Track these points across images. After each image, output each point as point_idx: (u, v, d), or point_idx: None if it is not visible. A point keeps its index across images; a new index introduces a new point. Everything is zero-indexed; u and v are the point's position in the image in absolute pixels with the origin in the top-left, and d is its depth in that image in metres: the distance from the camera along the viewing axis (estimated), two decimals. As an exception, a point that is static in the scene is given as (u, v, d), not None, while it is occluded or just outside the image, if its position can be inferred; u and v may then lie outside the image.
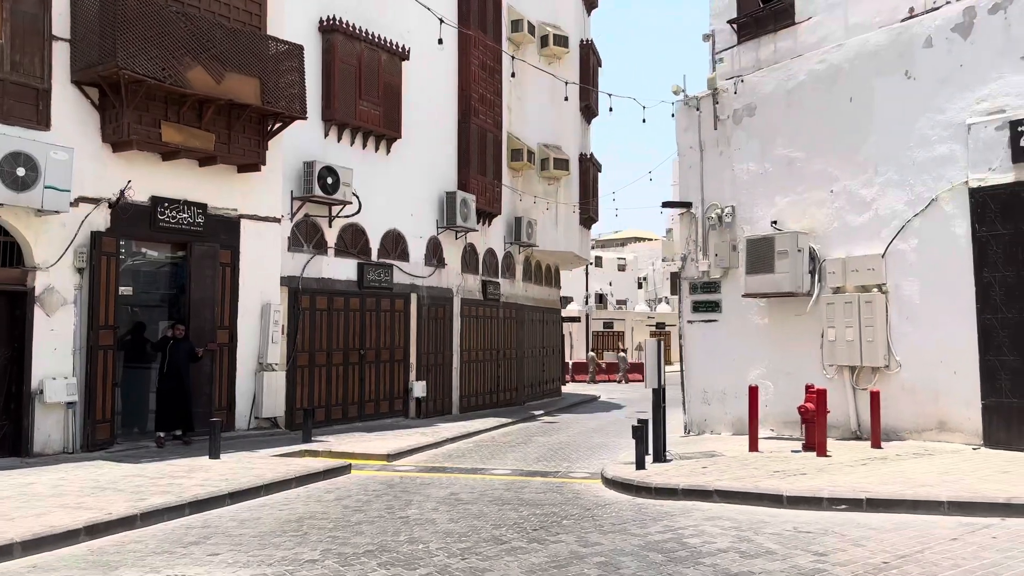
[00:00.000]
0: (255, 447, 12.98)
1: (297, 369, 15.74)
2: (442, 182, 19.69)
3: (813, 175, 13.39)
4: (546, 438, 16.33)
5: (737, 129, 14.63)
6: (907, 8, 12.58)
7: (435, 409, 19.20)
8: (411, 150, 18.55)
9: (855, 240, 12.76)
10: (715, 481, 8.99)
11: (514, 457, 13.45)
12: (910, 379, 12.01)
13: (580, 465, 12.52)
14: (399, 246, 18.27)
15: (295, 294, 15.70)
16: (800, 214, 13.55)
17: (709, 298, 15.02)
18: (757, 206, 14.25)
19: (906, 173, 12.15)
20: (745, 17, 15.09)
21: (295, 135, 15.39)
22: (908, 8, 12.56)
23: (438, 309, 19.50)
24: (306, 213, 15.98)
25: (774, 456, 11.10)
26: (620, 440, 15.86)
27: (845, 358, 12.64)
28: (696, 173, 15.33)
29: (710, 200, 15.02)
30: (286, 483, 10.20)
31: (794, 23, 14.31)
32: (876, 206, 12.53)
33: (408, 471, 11.85)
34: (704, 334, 15.11)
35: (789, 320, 13.65)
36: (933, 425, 11.78)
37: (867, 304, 12.36)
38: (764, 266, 13.38)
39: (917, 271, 11.99)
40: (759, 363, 14.10)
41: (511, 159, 22.71)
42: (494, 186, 21.53)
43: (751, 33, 15.02)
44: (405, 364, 18.32)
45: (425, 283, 18.97)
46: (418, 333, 18.68)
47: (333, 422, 16.34)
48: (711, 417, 14.93)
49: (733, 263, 14.52)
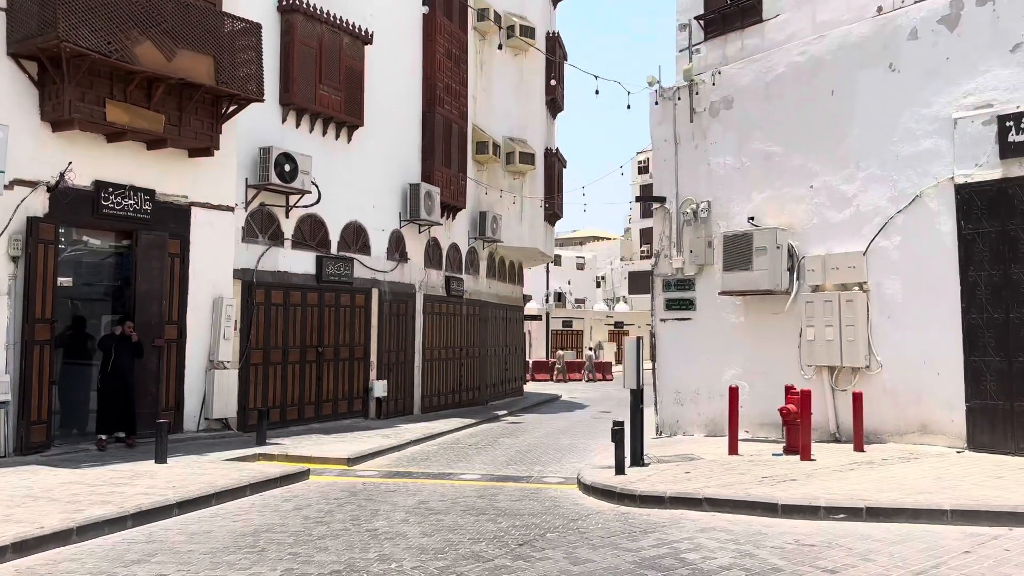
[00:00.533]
0: (205, 450, 12.15)
1: (251, 367, 14.90)
2: (405, 173, 18.96)
3: (792, 170, 13.01)
4: (513, 440, 15.74)
5: (714, 122, 14.20)
6: (875, 7, 12.27)
7: (396, 409, 18.47)
8: (374, 139, 17.79)
9: (835, 237, 12.40)
10: (703, 488, 8.48)
11: (482, 460, 12.83)
12: (891, 380, 11.68)
13: (552, 469, 11.95)
14: (360, 239, 17.51)
15: (249, 288, 14.85)
16: (778, 210, 13.16)
17: (683, 296, 14.58)
18: (734, 201, 13.83)
19: (889, 168, 11.82)
20: (712, 14, 14.67)
21: (251, 119, 14.55)
22: (876, 7, 12.25)
23: (400, 305, 18.78)
24: (262, 202, 15.13)
25: (756, 460, 10.65)
26: (589, 442, 15.37)
27: (824, 358, 12.27)
28: (671, 167, 14.87)
29: (685, 195, 14.57)
30: (239, 491, 9.44)
31: (762, 20, 13.96)
32: (857, 202, 12.18)
33: (371, 476, 11.15)
34: (677, 333, 14.66)
35: (766, 319, 13.26)
36: (915, 427, 11.46)
37: (848, 303, 12.00)
38: (741, 263, 12.96)
39: (900, 269, 11.67)
40: (734, 363, 13.69)
41: (476, 152, 22.05)
42: (459, 179, 20.85)
43: (718, 30, 14.61)
44: (365, 362, 17.56)
45: (387, 278, 18.22)
46: (379, 330, 17.93)
47: (289, 423, 15.53)
48: (683, 418, 14.48)
49: (709, 260, 14.09)
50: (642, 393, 10.84)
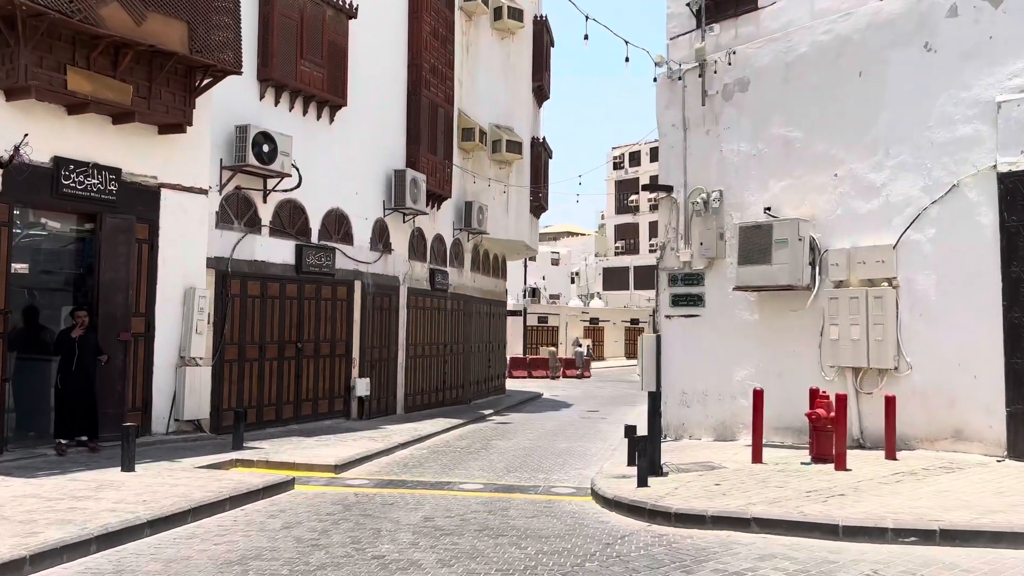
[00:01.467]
0: (176, 456, 11.02)
1: (225, 364, 13.75)
2: (390, 159, 17.87)
3: (814, 157, 12.19)
4: (506, 442, 14.77)
5: (727, 106, 13.33)
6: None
7: (379, 409, 17.40)
8: (357, 121, 16.68)
9: (862, 229, 11.60)
10: (748, 506, 7.58)
11: (479, 467, 11.84)
12: (922, 383, 10.91)
13: (557, 477, 11.02)
14: (342, 227, 16.39)
15: (223, 278, 13.69)
16: (798, 200, 12.33)
17: (691, 291, 13.71)
18: (748, 191, 12.98)
19: (923, 155, 11.03)
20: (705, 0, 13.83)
21: (227, 94, 13.38)
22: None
23: (383, 299, 17.69)
24: (238, 185, 13.97)
25: (786, 469, 9.80)
26: (587, 445, 14.48)
27: (849, 359, 11.47)
28: (678, 154, 13.98)
29: (694, 184, 13.69)
30: (218, 505, 8.36)
31: (757, 8, 13.20)
32: (887, 192, 11.38)
33: (363, 486, 10.11)
34: (684, 330, 13.78)
35: (783, 316, 12.43)
36: (948, 434, 10.70)
37: (876, 300, 11.20)
38: (759, 256, 12.11)
39: (934, 264, 10.89)
40: (747, 363, 12.86)
41: (462, 138, 21.00)
42: (444, 166, 19.80)
43: (711, 18, 13.76)
44: (347, 359, 16.47)
45: (370, 270, 17.13)
46: (362, 325, 16.84)
47: (266, 424, 14.40)
48: (690, 421, 13.63)
49: (720, 253, 13.23)
50: (660, 396, 9.93)
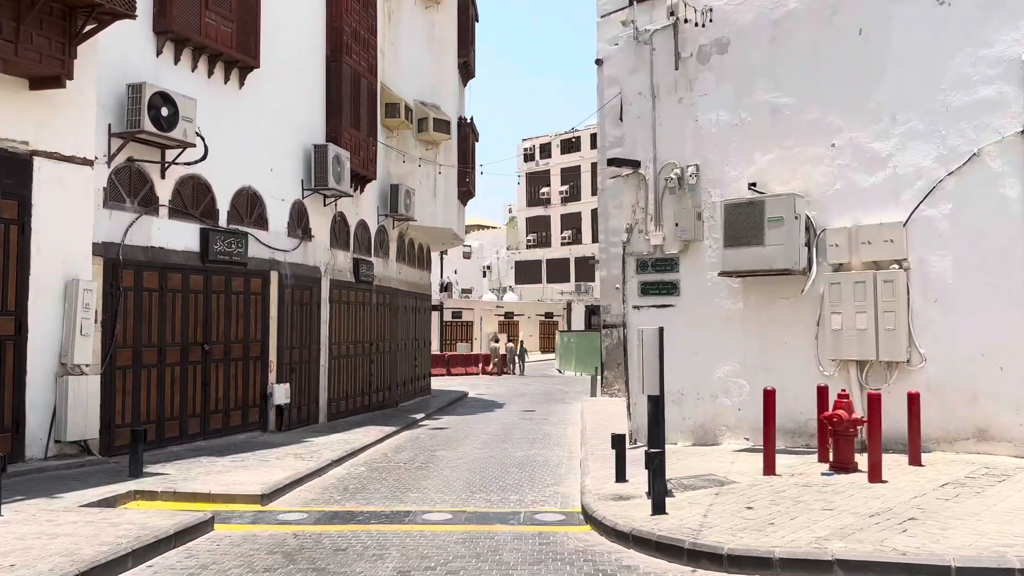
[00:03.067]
0: (58, 488, 8.74)
1: (117, 372, 11.40)
2: (308, 133, 15.71)
3: (807, 126, 10.88)
4: (452, 453, 12.94)
5: (703, 70, 11.89)
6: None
7: (300, 418, 15.26)
8: (271, 86, 14.48)
9: (865, 205, 10.35)
10: (822, 542, 6.02)
11: (435, 487, 10.00)
12: (938, 377, 9.73)
13: (532, 497, 9.31)
14: (255, 209, 14.17)
15: (114, 268, 11.35)
16: (789, 174, 11.00)
17: (663, 278, 12.23)
18: (730, 165, 11.58)
19: (936, 122, 9.85)
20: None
21: (117, 47, 11.07)
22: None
23: (303, 292, 15.54)
24: (130, 156, 11.62)
25: (810, 483, 8.38)
26: (544, 452, 12.84)
27: (854, 351, 10.21)
28: (646, 125, 12.47)
29: (666, 158, 12.20)
30: (118, 563, 6.27)
31: None
32: (894, 163, 10.16)
33: (301, 522, 8.13)
34: (656, 323, 12.24)
35: (773, 304, 11.10)
36: (969, 433, 9.56)
37: (887, 284, 9.96)
38: (749, 237, 10.72)
39: (950, 243, 9.72)
40: (730, 358, 11.48)
41: (385, 115, 18.96)
42: (369, 144, 17.74)
43: None
44: (263, 362, 14.26)
45: (288, 259, 14.96)
46: (279, 322, 14.66)
47: (169, 442, 12.12)
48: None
49: (698, 235, 11.80)
50: (663, 401, 8.36)
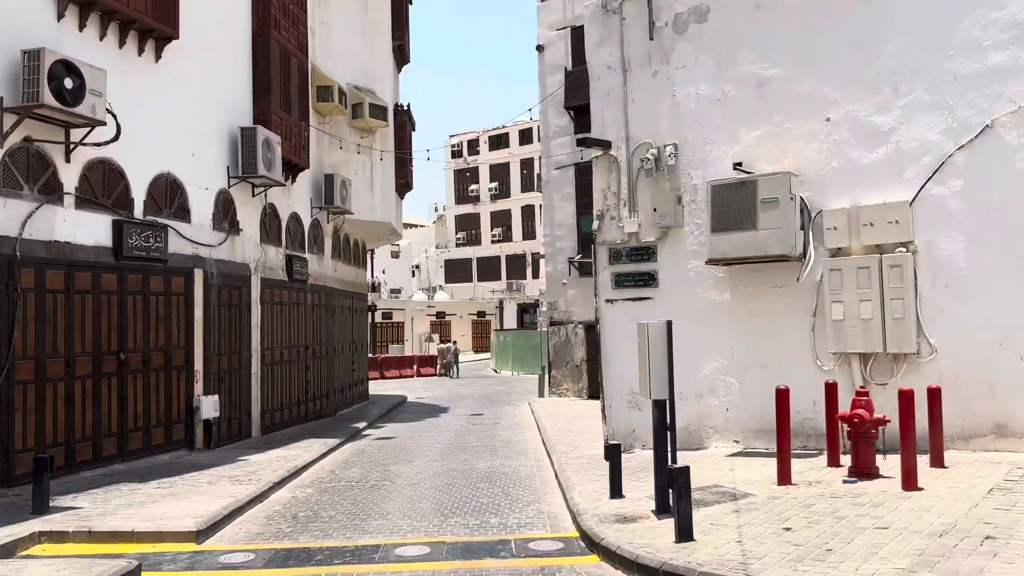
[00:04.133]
0: (-62, 537, 7.11)
1: (17, 387, 9.69)
2: (234, 114, 14.12)
3: (798, 99, 9.99)
4: (408, 468, 11.64)
5: (680, 40, 10.90)
6: None
7: (230, 433, 13.67)
8: (192, 61, 12.86)
9: (865, 184, 9.50)
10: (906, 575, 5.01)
11: (399, 511, 8.70)
12: (950, 368, 8.95)
13: (515, 519, 8.14)
14: (176, 199, 12.54)
15: (10, 265, 9.64)
16: (779, 152, 10.09)
17: (640, 268, 11.20)
18: (712, 143, 10.62)
19: (943, 92, 9.06)
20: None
21: (10, 7, 9.40)
22: None
23: (232, 292, 13.94)
24: (28, 135, 9.91)
25: (836, 492, 7.42)
26: (510, 463, 11.72)
27: (858, 343, 9.35)
28: (617, 102, 11.42)
29: (640, 137, 11.18)
30: (14, 643, 4.80)
31: None
32: (897, 137, 9.34)
33: (249, 564, 6.74)
34: (632, 317, 11.18)
35: (764, 294, 10.18)
36: (987, 429, 8.80)
37: (894, 269, 9.13)
38: (740, 221, 9.77)
39: (961, 223, 8.95)
40: (716, 354, 10.52)
41: (317, 98, 17.43)
42: (301, 129, 16.21)
43: None
44: (187, 372, 12.63)
45: (214, 255, 13.35)
46: (205, 326, 13.04)
47: (81, 467, 10.45)
48: (642, 427, 11.09)
49: (678, 220, 10.80)
50: (673, 407, 7.28)
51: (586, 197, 21.56)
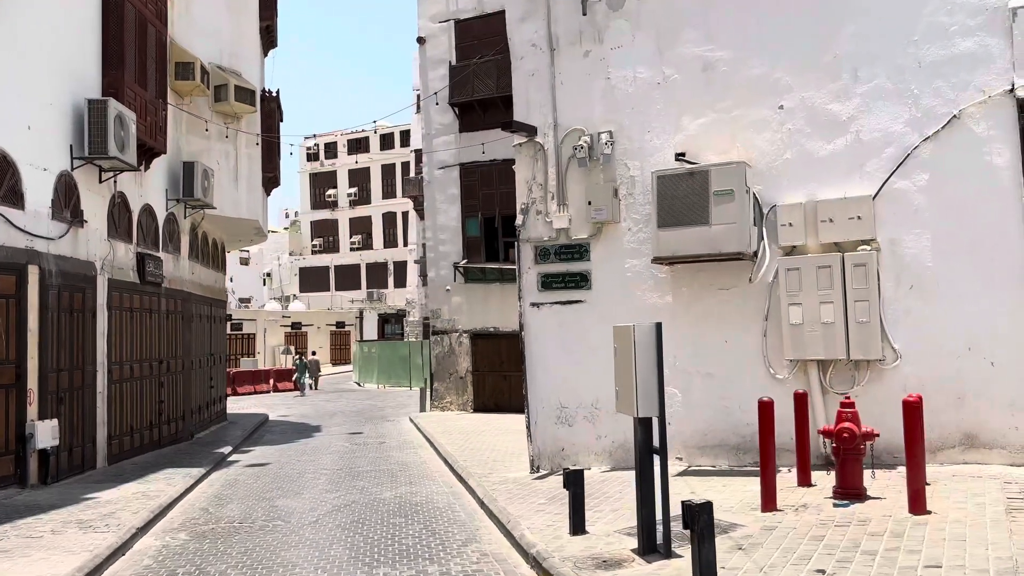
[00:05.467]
0: None
1: None
2: (80, 84, 11.85)
3: (748, 84, 9.17)
4: (297, 501, 9.90)
5: (616, 17, 9.87)
6: None
7: (72, 464, 11.35)
8: (27, 16, 10.61)
9: (822, 177, 8.78)
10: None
11: (307, 561, 7.06)
12: (916, 376, 8.31)
13: (456, 566, 6.74)
14: (6, 180, 10.23)
15: None
16: (726, 141, 9.22)
17: (570, 268, 10.05)
18: (652, 132, 9.64)
19: (907, 79, 8.46)
20: None
21: None
22: None
23: (74, 295, 11.63)
24: None
25: (839, 519, 6.47)
26: (418, 490, 10.31)
27: (818, 349, 8.57)
28: (543, 84, 10.25)
29: (570, 124, 10.06)
30: None
31: None
32: (857, 127, 8.66)
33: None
34: (561, 322, 10.09)
35: (710, 297, 9.26)
36: (955, 440, 8.21)
37: (857, 268, 8.41)
38: (691, 215, 8.81)
39: (927, 220, 8.35)
40: (656, 362, 9.48)
41: (176, 76, 15.26)
42: (158, 108, 14.01)
43: None
44: (18, 392, 10.29)
45: (53, 250, 11.05)
46: (41, 336, 10.72)
47: None
48: (573, 444, 9.97)
49: (615, 215, 9.73)
50: (664, 426, 6.09)
51: (472, 199, 20.36)
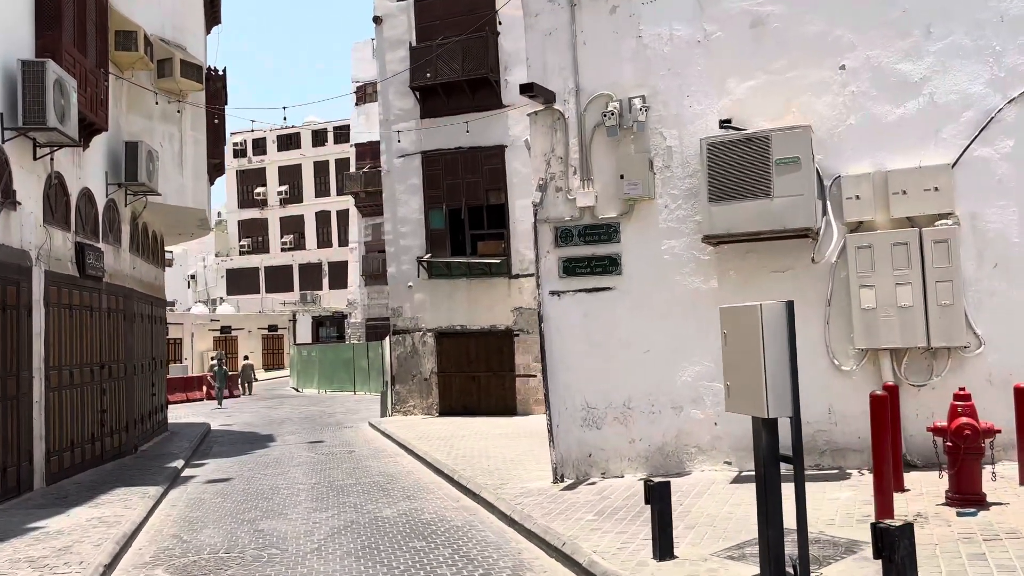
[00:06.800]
0: None
1: None
2: (7, 42, 10.13)
3: (804, 42, 8.22)
4: (284, 524, 8.49)
5: (648, -32, 8.81)
6: None
7: (6, 487, 9.61)
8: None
9: (891, 145, 7.89)
10: None
11: (336, 602, 5.74)
12: (1002, 364, 7.50)
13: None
14: (-76, 149, 8.52)
15: None
16: (779, 106, 8.26)
17: (597, 251, 8.92)
18: (691, 96, 8.60)
19: (987, 35, 7.64)
20: None
21: None
22: None
23: (7, 289, 9.90)
24: None
25: (981, 533, 5.52)
26: (419, 505, 9.07)
27: (894, 336, 7.66)
28: (562, 44, 9.10)
29: (595, 88, 8.94)
30: None
31: None
32: (931, 89, 7.81)
33: None
34: (587, 312, 8.95)
35: (762, 280, 8.27)
36: (1046, 435, 7.40)
37: (939, 245, 7.54)
38: (748, 187, 7.80)
39: (1013, 191, 7.55)
40: (700, 355, 8.47)
41: (117, 46, 13.52)
42: (99, 78, 12.30)
43: None
44: (-59, 402, 8.59)
45: (-18, 234, 9.35)
46: (-32, 336, 9.01)
47: None
48: (602, 450, 8.84)
49: (649, 190, 8.65)
50: (795, 429, 5.02)
51: (435, 190, 19.04)
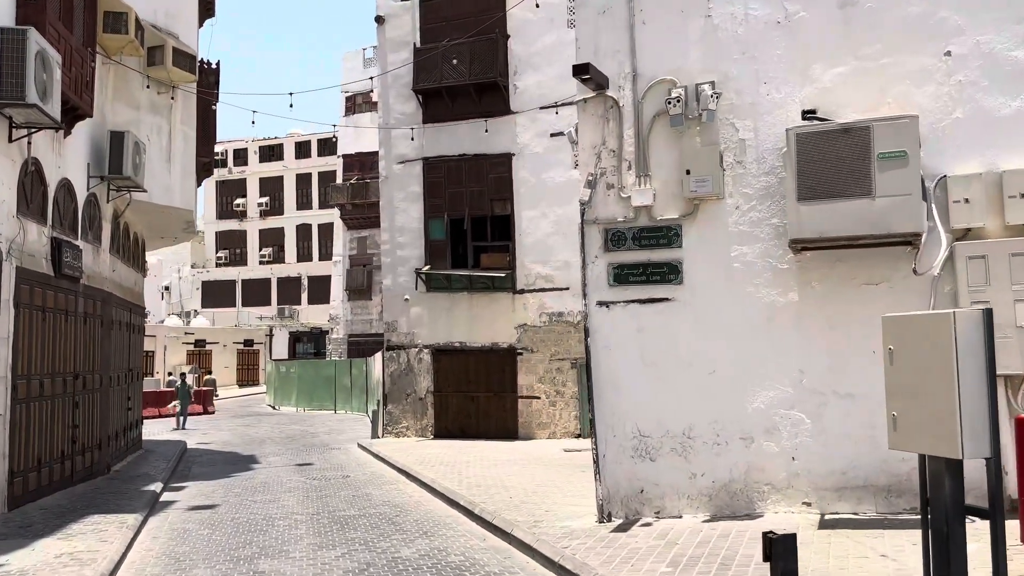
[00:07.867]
0: None
1: None
2: (-14, 6, 8.95)
3: (903, 24, 7.27)
4: (288, 565, 7.28)
5: (721, -60, 7.83)
6: None
7: (-39, 515, 8.30)
8: None
9: (1006, 141, 6.93)
10: None
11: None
12: None
13: None
14: None
15: None
16: (873, 96, 7.28)
17: (653, 257, 7.85)
18: (769, 83, 7.61)
19: (1119, 20, 6.75)
20: None
21: None
22: None
23: (-29, 284, 8.64)
24: None
25: None
26: (442, 545, 7.88)
27: (1012, 359, 6.65)
28: (618, 24, 8.09)
29: (656, 74, 7.92)
30: None
31: None
32: (1051, 80, 6.89)
33: None
34: (641, 327, 7.85)
35: (851, 293, 7.25)
36: None
37: (1068, 256, 6.57)
38: (846, 185, 6.79)
39: None
40: (775, 378, 7.42)
41: (106, 28, 12.33)
42: (86, 58, 11.11)
43: None
44: None
45: (-55, 219, 8.08)
46: (-77, 337, 7.72)
47: None
48: (656, 484, 7.73)
49: (718, 188, 7.62)
50: (995, 468, 3.96)
51: (436, 198, 17.95)
